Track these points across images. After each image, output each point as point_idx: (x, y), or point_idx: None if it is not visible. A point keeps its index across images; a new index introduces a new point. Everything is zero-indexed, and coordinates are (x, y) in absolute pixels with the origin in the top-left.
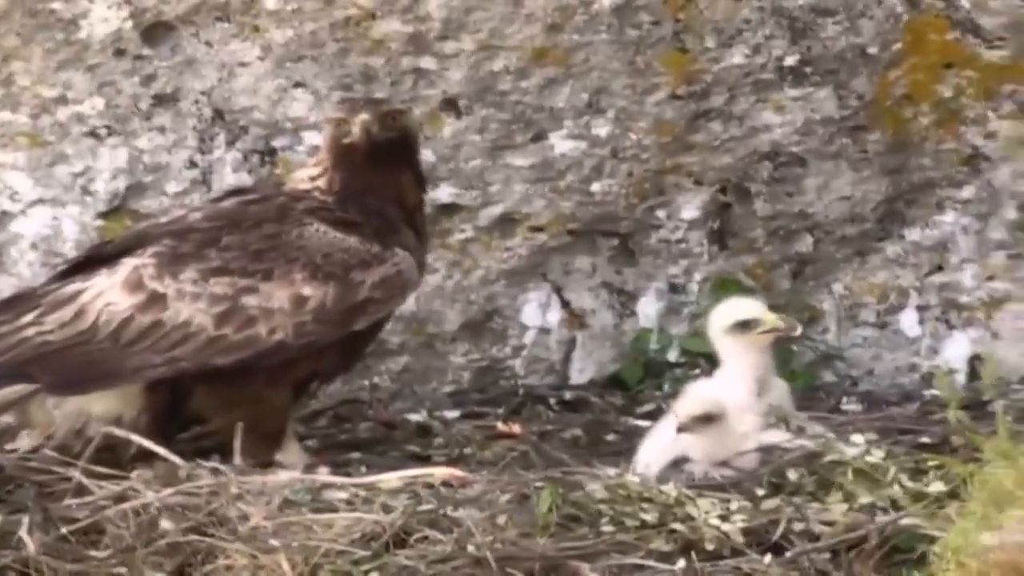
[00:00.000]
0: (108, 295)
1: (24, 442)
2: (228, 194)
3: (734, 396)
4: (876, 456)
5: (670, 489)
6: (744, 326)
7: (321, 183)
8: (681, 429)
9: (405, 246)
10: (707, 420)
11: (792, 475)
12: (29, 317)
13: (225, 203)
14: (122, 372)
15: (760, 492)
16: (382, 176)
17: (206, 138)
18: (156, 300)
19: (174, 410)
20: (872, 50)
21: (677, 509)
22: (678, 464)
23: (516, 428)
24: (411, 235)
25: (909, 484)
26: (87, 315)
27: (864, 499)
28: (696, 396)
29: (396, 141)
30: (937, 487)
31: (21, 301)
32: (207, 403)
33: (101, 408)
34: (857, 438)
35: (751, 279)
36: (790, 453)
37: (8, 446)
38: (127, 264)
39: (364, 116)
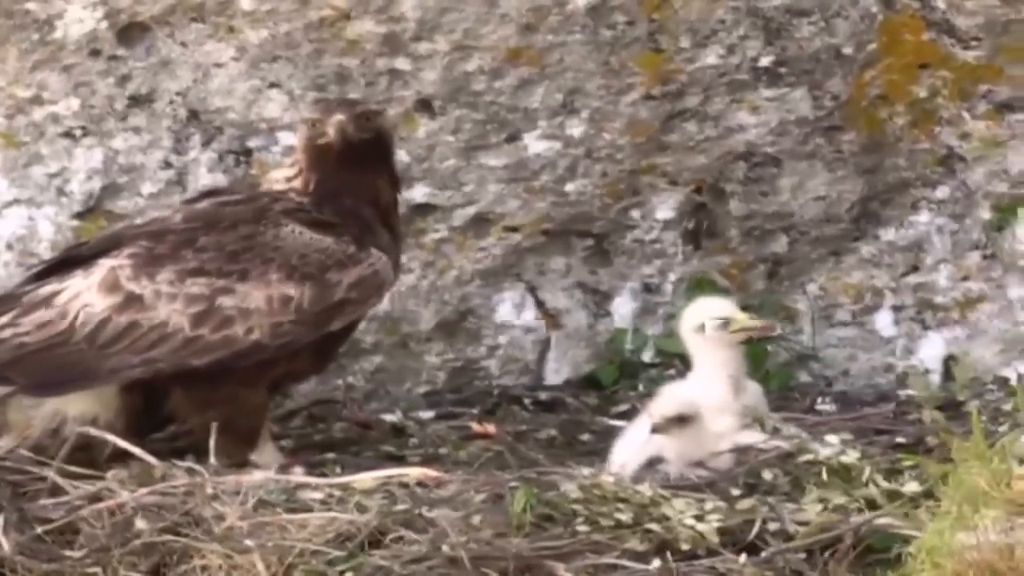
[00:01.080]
0: (85, 296)
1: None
2: (204, 195)
3: (709, 396)
4: (851, 456)
5: (645, 489)
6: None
7: (296, 184)
8: (655, 430)
9: (380, 246)
10: (681, 421)
11: (767, 475)
12: (5, 319)
13: (201, 204)
14: (99, 373)
15: (735, 492)
16: (357, 176)
17: (181, 139)
18: (133, 301)
19: (150, 410)
20: (847, 50)
21: (652, 509)
22: (652, 464)
23: (491, 428)
24: (386, 235)
25: (884, 484)
26: (64, 316)
27: (839, 499)
28: (670, 397)
29: (371, 141)
30: (912, 487)
31: None
32: (183, 403)
33: (77, 409)
34: (832, 438)
35: (726, 279)
36: (765, 454)
37: None
38: (103, 265)
39: (339, 117)
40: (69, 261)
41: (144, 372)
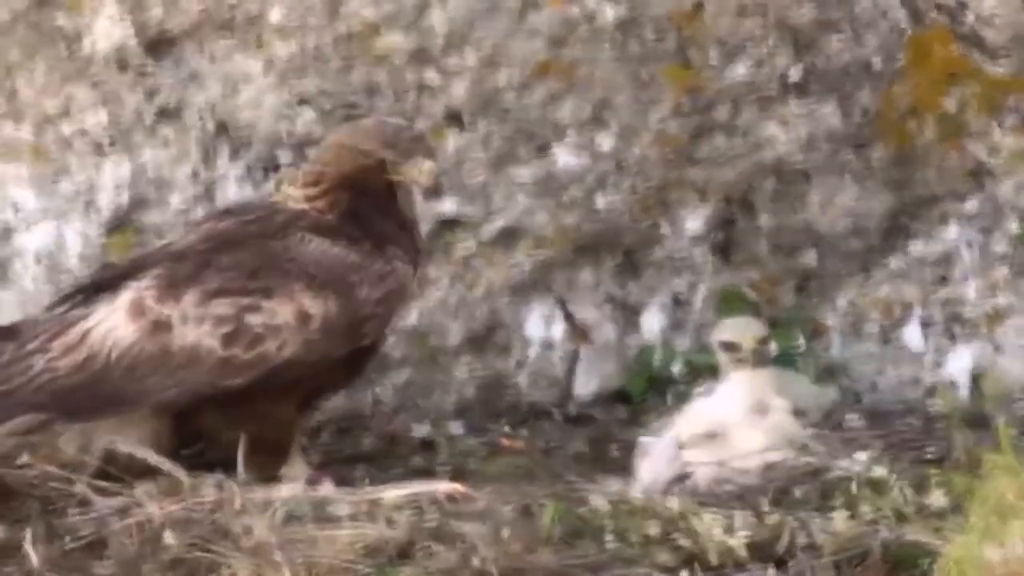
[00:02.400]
0: (112, 323)
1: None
2: (221, 214)
3: (736, 412)
4: (879, 471)
5: (674, 503)
6: (728, 347)
7: (320, 204)
8: (683, 446)
9: (403, 258)
10: (709, 437)
11: (797, 492)
12: (33, 346)
13: (218, 223)
14: (136, 400)
15: (764, 507)
16: (388, 196)
17: (210, 152)
18: (161, 326)
19: (183, 431)
20: (876, 64)
21: (681, 522)
22: (681, 480)
23: (518, 442)
24: (410, 247)
25: (912, 498)
26: (94, 346)
27: (867, 513)
28: (697, 413)
29: None
30: (940, 501)
31: (22, 332)
32: (214, 421)
33: (110, 434)
34: (860, 455)
35: (755, 293)
36: (794, 470)
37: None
38: (127, 290)
39: (431, 164)
40: (89, 288)
41: (180, 395)
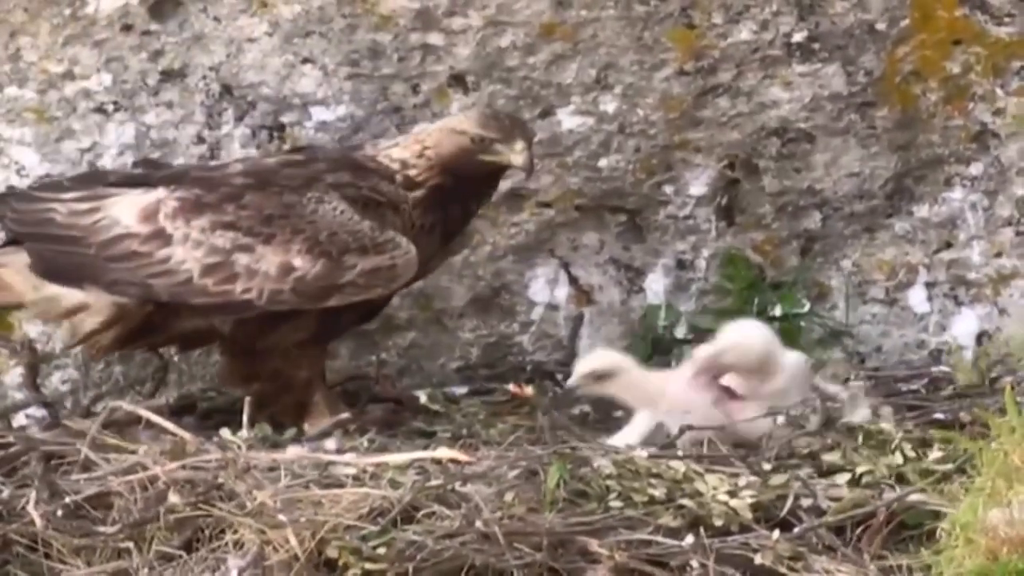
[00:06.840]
0: (123, 211)
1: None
2: (295, 150)
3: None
4: (885, 428)
5: (678, 464)
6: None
7: (413, 172)
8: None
9: (420, 243)
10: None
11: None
12: (70, 195)
13: (270, 160)
14: (100, 280)
15: (767, 466)
16: (472, 189)
17: (214, 114)
18: (162, 237)
19: (146, 329)
20: (880, 26)
21: (685, 485)
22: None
23: (528, 390)
24: (439, 237)
25: (916, 460)
26: (94, 216)
27: (871, 475)
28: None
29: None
30: (945, 463)
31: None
32: (229, 375)
33: (72, 300)
34: (856, 383)
35: (759, 255)
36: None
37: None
38: (155, 195)
39: (525, 145)
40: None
41: (140, 294)
